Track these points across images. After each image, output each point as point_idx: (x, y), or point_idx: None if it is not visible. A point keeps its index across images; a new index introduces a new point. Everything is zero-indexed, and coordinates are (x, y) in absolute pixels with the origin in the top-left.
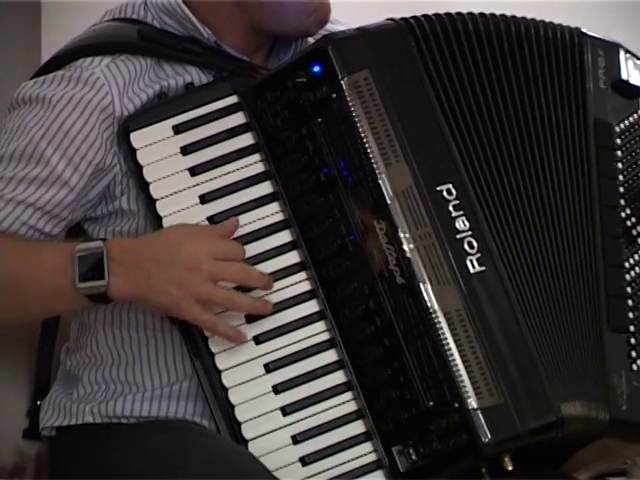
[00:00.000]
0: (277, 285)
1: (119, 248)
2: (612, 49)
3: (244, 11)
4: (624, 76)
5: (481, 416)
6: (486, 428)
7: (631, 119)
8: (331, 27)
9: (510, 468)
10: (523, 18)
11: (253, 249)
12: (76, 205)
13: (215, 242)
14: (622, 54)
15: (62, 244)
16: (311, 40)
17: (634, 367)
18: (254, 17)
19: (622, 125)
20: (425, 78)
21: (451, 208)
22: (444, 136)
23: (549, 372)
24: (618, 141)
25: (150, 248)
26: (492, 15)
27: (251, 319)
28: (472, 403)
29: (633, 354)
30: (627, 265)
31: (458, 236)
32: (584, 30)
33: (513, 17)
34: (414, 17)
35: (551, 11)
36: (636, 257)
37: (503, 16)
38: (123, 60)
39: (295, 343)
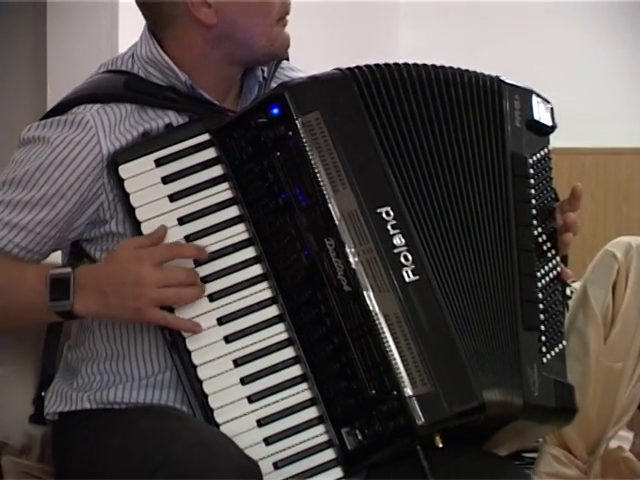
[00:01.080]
0: (243, 293)
1: (83, 274)
2: (526, 94)
3: (216, 47)
4: (536, 117)
5: (415, 402)
6: (420, 412)
7: (542, 153)
8: (290, 74)
9: (440, 445)
10: (450, 68)
11: (223, 263)
12: (64, 226)
13: (152, 253)
14: (534, 98)
15: (41, 267)
16: (273, 85)
17: (544, 360)
18: (226, 50)
19: (534, 158)
20: (367, 118)
21: (389, 227)
22: (383, 167)
23: (473, 364)
24: (531, 171)
25: (106, 272)
26: (424, 65)
27: (222, 322)
28: (408, 391)
29: (543, 349)
30: (538, 275)
31: (395, 251)
32: (503, 78)
33: (442, 67)
34: (357, 67)
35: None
36: (546, 268)
37: (433, 66)
38: (111, 106)
39: (259, 342)
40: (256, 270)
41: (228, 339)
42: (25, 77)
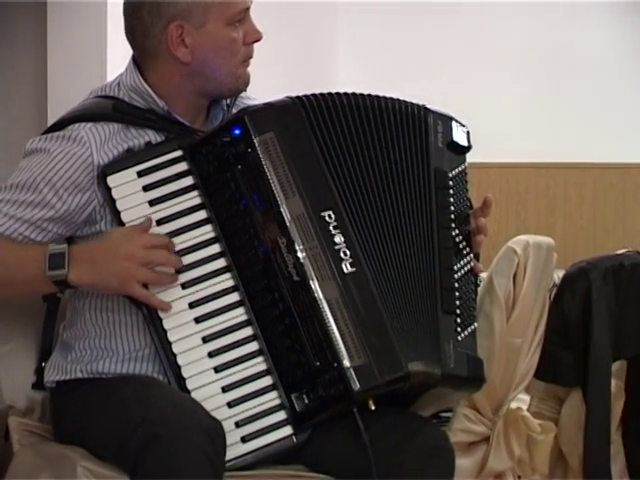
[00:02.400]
0: (210, 282)
1: (77, 249)
2: (447, 120)
3: (190, 80)
4: (455, 139)
5: (352, 372)
6: (356, 380)
7: (460, 168)
8: (248, 102)
9: (373, 408)
10: (384, 97)
11: (193, 257)
12: (61, 223)
13: (141, 237)
14: (454, 123)
15: (42, 245)
16: (235, 110)
17: (459, 338)
18: (197, 84)
19: (453, 172)
20: (312, 137)
21: (331, 228)
22: (326, 178)
23: (400, 341)
24: (450, 183)
25: (98, 248)
26: (360, 94)
27: (192, 306)
28: (346, 363)
29: (458, 329)
30: (455, 268)
31: (336, 247)
32: (428, 106)
33: (376, 96)
34: (304, 95)
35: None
36: (462, 263)
37: (369, 95)
38: (101, 125)
39: (223, 322)
40: (221, 263)
41: (197, 320)
42: (26, 74)
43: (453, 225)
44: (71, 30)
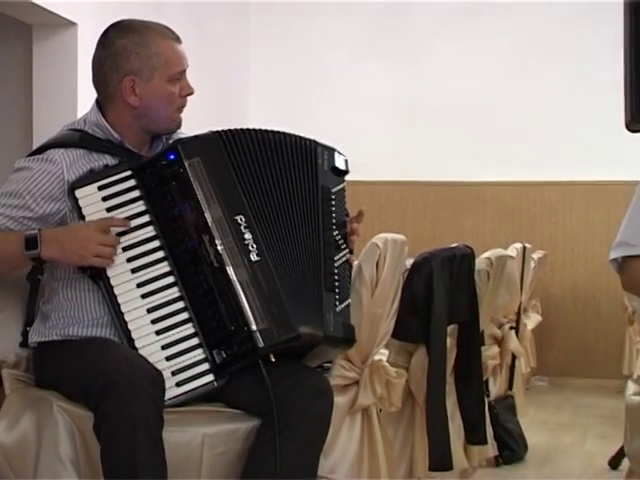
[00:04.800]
0: (152, 268)
1: (46, 233)
2: (331, 151)
3: (137, 120)
4: (337, 165)
5: (258, 334)
6: (260, 340)
7: (340, 186)
8: (180, 135)
9: (273, 360)
10: (284, 132)
11: (139, 249)
12: (39, 221)
13: (96, 222)
14: (336, 154)
15: (20, 232)
16: (171, 141)
17: (337, 309)
18: (143, 123)
19: (335, 189)
20: (228, 162)
21: (242, 228)
22: (238, 191)
23: (293, 311)
24: (333, 197)
25: (63, 232)
26: (266, 130)
27: (139, 285)
28: (253, 327)
29: (337, 303)
30: (335, 259)
31: (245, 242)
32: (318, 140)
33: (278, 131)
34: (222, 130)
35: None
36: (340, 255)
37: (272, 130)
38: (71, 150)
39: (162, 298)
40: (160, 254)
41: (143, 296)
42: (15, 93)
43: (334, 227)
44: (51, 81)
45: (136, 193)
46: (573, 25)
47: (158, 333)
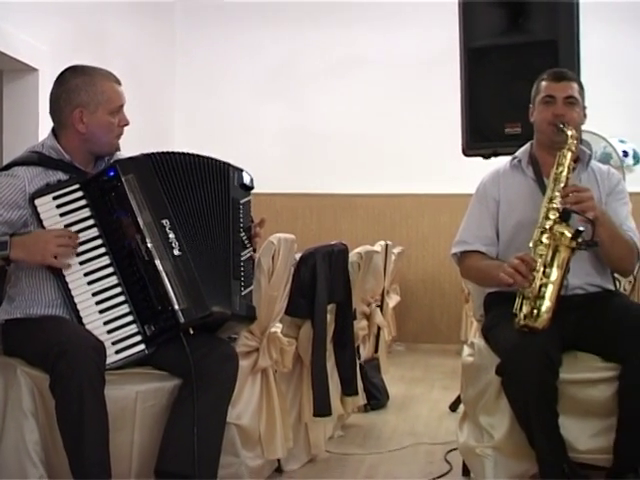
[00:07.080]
0: (96, 261)
1: (15, 239)
2: (240, 171)
3: (84, 144)
4: (244, 182)
5: (179, 312)
6: (181, 317)
7: (247, 199)
8: (119, 155)
9: (192, 332)
10: (204, 156)
11: (86, 247)
12: (6, 225)
13: (55, 232)
14: (244, 172)
15: None
16: (111, 161)
17: (242, 293)
18: (89, 147)
19: (243, 200)
20: (156, 179)
21: (167, 229)
22: (164, 201)
23: (207, 294)
24: (241, 207)
25: (28, 238)
26: (190, 153)
27: (86, 274)
28: (176, 307)
29: (242, 288)
30: (242, 254)
31: (169, 240)
32: (230, 163)
33: (198, 155)
34: (152, 153)
35: None
36: (245, 251)
37: (194, 154)
38: (31, 167)
39: (104, 284)
40: (102, 250)
41: (89, 283)
42: None
43: (241, 230)
44: (18, 115)
45: (83, 202)
46: (422, 73)
47: (101, 312)
